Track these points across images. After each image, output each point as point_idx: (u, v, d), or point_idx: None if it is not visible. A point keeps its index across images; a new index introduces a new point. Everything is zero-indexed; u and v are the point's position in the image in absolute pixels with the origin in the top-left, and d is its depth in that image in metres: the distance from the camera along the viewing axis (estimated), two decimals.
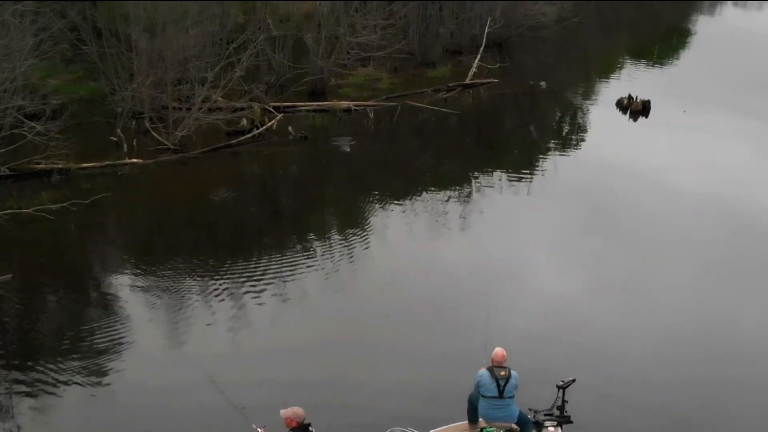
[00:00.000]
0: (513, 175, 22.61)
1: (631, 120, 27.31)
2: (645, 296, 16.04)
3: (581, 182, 21.88)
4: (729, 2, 54.89)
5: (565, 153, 24.55)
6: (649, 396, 12.81)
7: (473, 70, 29.95)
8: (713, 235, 18.73)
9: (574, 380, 11.30)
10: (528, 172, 22.78)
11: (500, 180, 22.29)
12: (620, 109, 27.87)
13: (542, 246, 18.18)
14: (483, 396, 10.88)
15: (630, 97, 27.83)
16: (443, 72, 30.61)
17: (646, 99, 27.57)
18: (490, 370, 10.86)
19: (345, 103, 27.04)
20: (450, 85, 29.12)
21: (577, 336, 14.44)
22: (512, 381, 10.79)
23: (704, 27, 45.45)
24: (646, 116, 27.45)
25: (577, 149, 24.95)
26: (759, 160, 23.91)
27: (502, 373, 10.77)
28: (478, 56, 30.79)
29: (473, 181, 22.28)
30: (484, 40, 31.80)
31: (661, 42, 41.36)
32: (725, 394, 13.16)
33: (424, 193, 21.28)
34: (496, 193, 21.36)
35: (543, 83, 30.04)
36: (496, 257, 17.58)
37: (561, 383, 11.28)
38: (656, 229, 18.99)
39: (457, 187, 21.69)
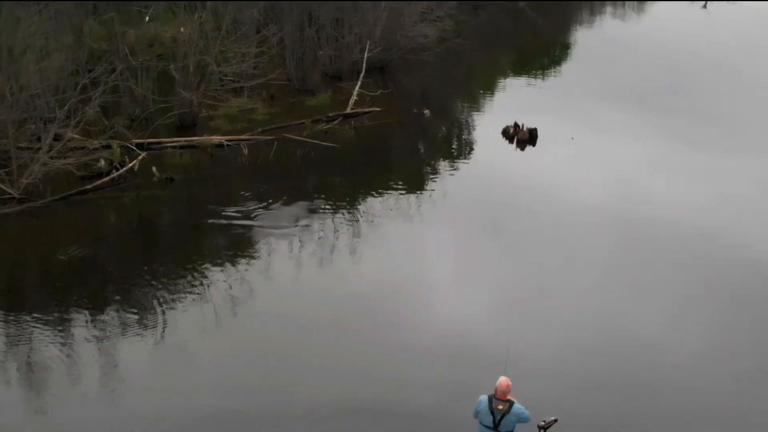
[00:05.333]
0: (400, 206, 21.72)
1: (518, 149, 26.32)
2: (547, 308, 16.70)
3: (472, 210, 21.52)
4: (608, 12, 55.25)
5: (453, 184, 23.32)
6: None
7: (354, 98, 28.36)
8: (607, 249, 19.59)
9: (556, 420, 11.30)
10: (416, 200, 22.18)
11: (389, 211, 21.37)
12: (507, 138, 26.82)
13: (440, 267, 18.36)
14: (480, 423, 10.99)
15: (516, 125, 26.83)
16: (323, 100, 28.91)
17: (533, 127, 26.62)
18: (490, 399, 10.89)
19: (216, 138, 24.91)
20: (330, 115, 27.40)
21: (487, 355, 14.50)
22: (510, 417, 10.72)
23: (584, 39, 45.35)
24: (534, 144, 26.51)
25: (465, 180, 23.73)
26: (648, 178, 23.90)
27: (500, 407, 10.75)
28: (359, 83, 29.26)
29: (359, 216, 21.05)
30: (365, 64, 30.31)
31: (542, 57, 41.02)
32: (638, 399, 13.96)
33: (309, 229, 20.06)
34: (386, 224, 20.59)
35: (427, 111, 28.76)
36: (391, 282, 17.52)
37: (542, 423, 11.28)
38: (551, 247, 19.49)
39: (343, 223, 20.55)
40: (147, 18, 28.26)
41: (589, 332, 15.96)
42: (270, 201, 21.24)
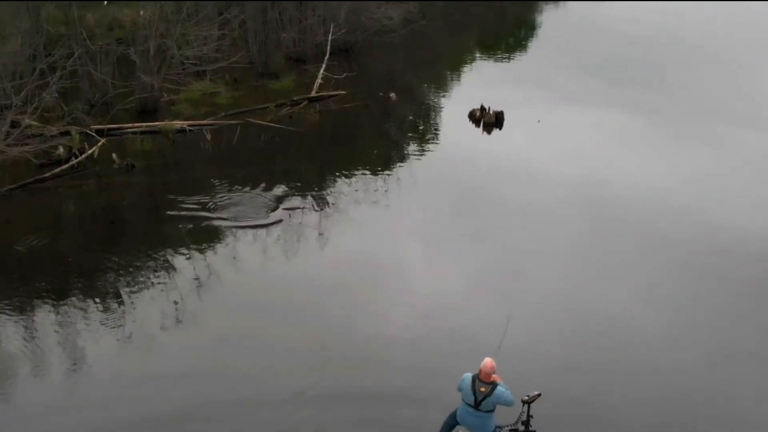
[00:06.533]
0: (367, 190, 21.50)
1: (485, 133, 26.19)
2: (518, 289, 16.64)
3: (439, 193, 21.41)
4: None
5: (420, 169, 23.11)
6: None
7: (319, 81, 28.02)
8: (576, 229, 19.63)
9: (539, 394, 11.35)
10: (383, 184, 21.93)
11: (356, 195, 21.18)
12: (473, 122, 26.69)
13: (409, 251, 18.38)
14: (462, 399, 11.04)
15: (482, 108, 26.69)
16: (287, 83, 28.55)
17: (499, 110, 26.49)
18: (474, 379, 10.93)
19: (178, 124, 24.45)
20: (295, 98, 27.04)
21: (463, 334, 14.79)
22: (491, 399, 10.78)
23: (550, 19, 45.33)
24: (500, 128, 26.40)
25: (432, 164, 23.52)
26: (613, 158, 24.05)
27: (482, 389, 10.81)
28: (323, 66, 28.90)
29: (326, 201, 20.83)
30: (329, 47, 29.96)
31: (508, 37, 40.95)
32: (612, 376, 14.07)
33: (275, 216, 19.69)
34: (353, 208, 20.41)
35: (393, 95, 28.50)
36: (361, 266, 17.44)
37: (526, 398, 11.34)
38: (519, 229, 19.45)
39: (310, 208, 20.28)
40: (105, 1, 27.61)
41: (561, 310, 16.00)
42: (234, 187, 20.92)
